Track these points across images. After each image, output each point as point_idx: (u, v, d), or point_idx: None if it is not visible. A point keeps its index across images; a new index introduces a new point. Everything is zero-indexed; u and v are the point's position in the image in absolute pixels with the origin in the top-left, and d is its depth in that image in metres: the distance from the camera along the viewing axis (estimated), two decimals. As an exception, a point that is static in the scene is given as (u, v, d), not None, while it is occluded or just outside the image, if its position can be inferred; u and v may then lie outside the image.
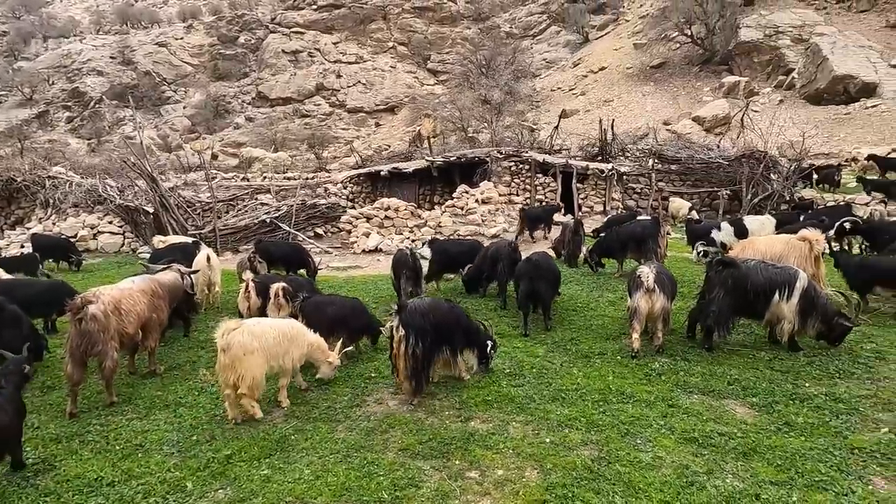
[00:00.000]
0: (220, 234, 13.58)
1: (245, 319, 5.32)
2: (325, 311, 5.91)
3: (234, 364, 4.66)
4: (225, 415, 4.92)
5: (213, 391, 5.54)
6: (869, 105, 31.15)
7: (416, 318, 4.88)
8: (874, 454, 4.04)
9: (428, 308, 5.02)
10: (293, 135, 41.95)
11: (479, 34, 47.90)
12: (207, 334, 7.31)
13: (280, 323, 5.22)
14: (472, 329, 5.39)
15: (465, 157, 15.93)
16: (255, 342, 4.74)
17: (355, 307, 6.21)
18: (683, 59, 41.18)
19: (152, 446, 4.54)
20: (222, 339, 4.69)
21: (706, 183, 16.95)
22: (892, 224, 9.18)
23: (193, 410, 5.17)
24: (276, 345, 4.87)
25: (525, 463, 4.09)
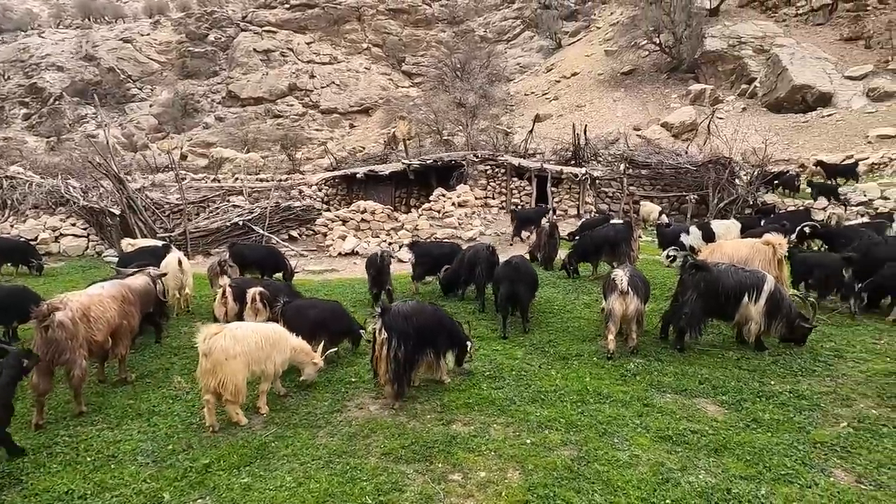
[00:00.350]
0: (190, 236, 13.25)
1: (226, 324, 5.23)
2: (307, 314, 5.87)
3: (215, 369, 4.59)
4: (202, 422, 4.82)
5: (189, 399, 5.43)
6: (825, 114, 32.62)
7: (399, 321, 4.90)
8: (835, 448, 4.26)
9: (411, 311, 5.04)
10: (265, 135, 41.24)
11: (454, 38, 48.14)
12: (180, 340, 7.17)
13: (262, 327, 5.16)
14: (455, 331, 5.43)
15: (441, 160, 16.00)
16: (237, 346, 4.67)
17: (335, 310, 6.18)
18: (652, 67, 42.28)
19: (125, 457, 4.41)
20: (204, 344, 4.62)
21: (675, 187, 17.43)
22: (849, 229, 9.66)
23: (168, 419, 5.05)
24: (258, 349, 4.81)
25: (507, 464, 4.15)
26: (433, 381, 5.56)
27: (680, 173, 17.30)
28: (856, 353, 5.90)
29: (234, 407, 4.76)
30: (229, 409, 4.75)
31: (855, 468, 4.00)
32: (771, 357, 5.89)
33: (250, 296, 5.94)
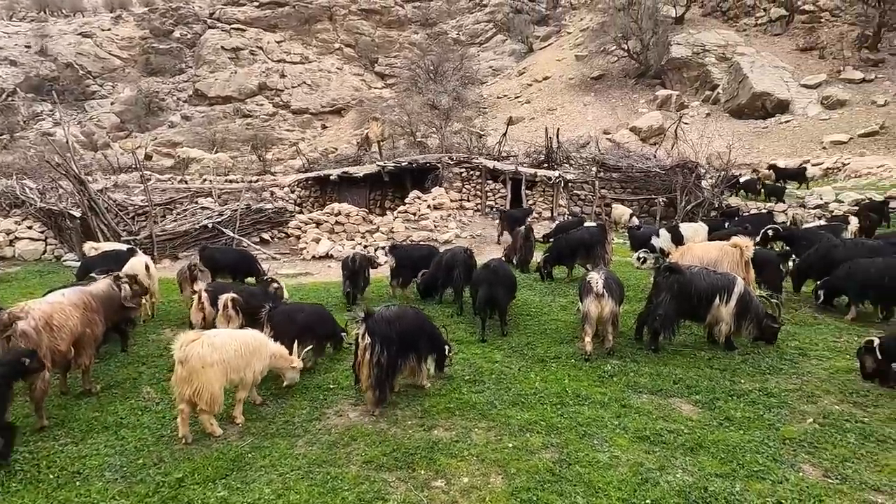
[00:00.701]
0: (157, 239, 12.80)
1: (204, 331, 5.07)
2: (295, 318, 5.79)
3: (191, 377, 4.44)
4: (174, 434, 4.66)
5: (159, 410, 5.24)
6: (783, 120, 34.02)
7: (382, 326, 4.85)
8: (803, 444, 4.42)
9: (394, 316, 5.00)
10: (234, 135, 40.36)
11: (427, 40, 48.17)
12: (148, 349, 6.93)
13: (241, 334, 5.03)
14: (436, 336, 5.42)
15: (416, 162, 15.96)
16: (215, 354, 4.54)
17: (322, 314, 6.12)
18: (621, 72, 43.27)
19: (92, 473, 4.22)
20: (180, 351, 4.47)
21: (644, 191, 17.85)
22: (809, 231, 10.09)
23: (137, 431, 4.86)
24: (237, 357, 4.69)
25: (489, 469, 4.15)
26: (413, 386, 5.52)
27: (649, 177, 17.72)
28: (819, 352, 6.15)
29: (208, 417, 4.62)
30: (203, 419, 4.61)
31: (822, 463, 4.16)
32: (740, 356, 6.08)
33: (222, 302, 5.77)
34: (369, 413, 4.99)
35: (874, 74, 34.55)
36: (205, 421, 4.62)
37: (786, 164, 27.81)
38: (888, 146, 28.90)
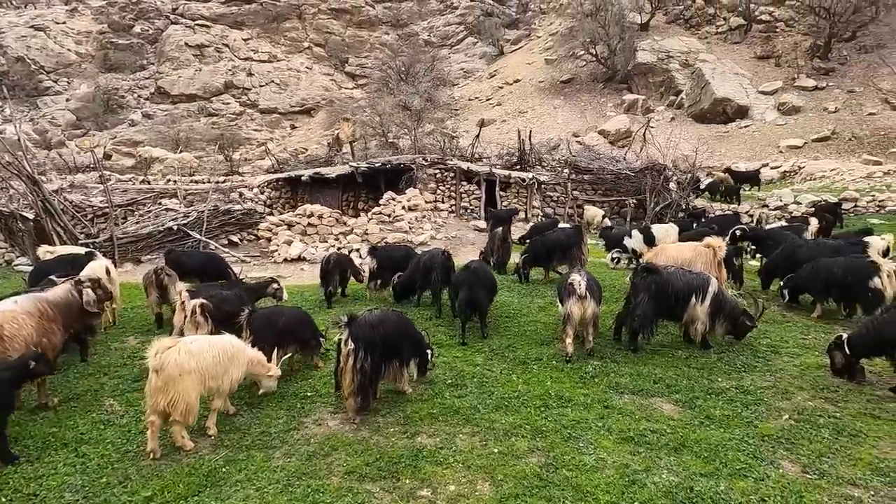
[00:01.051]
0: (118, 242, 12.22)
1: (182, 337, 4.82)
2: (276, 323, 5.59)
3: (167, 386, 4.21)
4: (141, 449, 4.40)
5: (124, 423, 4.95)
6: (743, 125, 35.29)
7: (366, 331, 4.72)
8: (780, 440, 4.50)
9: (377, 320, 4.88)
10: (199, 134, 39.16)
11: (398, 40, 47.90)
12: (110, 358, 6.57)
13: (219, 340, 4.79)
14: (418, 340, 5.32)
15: (390, 163, 15.78)
16: (192, 361, 4.32)
17: (302, 318, 5.93)
18: (590, 76, 44.06)
19: (50, 494, 3.94)
20: (155, 359, 4.23)
21: (615, 192, 18.15)
22: (774, 231, 10.43)
23: (100, 447, 4.56)
24: (215, 364, 4.48)
25: (476, 476, 4.07)
26: (394, 391, 5.39)
27: (619, 178, 18.03)
28: (789, 349, 6.32)
29: (181, 429, 4.38)
30: (176, 431, 4.36)
31: (800, 459, 4.25)
32: (716, 355, 6.19)
33: (189, 308, 5.49)
34: (350, 421, 4.83)
35: (825, 82, 36.21)
36: (177, 433, 4.38)
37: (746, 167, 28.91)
38: (839, 150, 30.33)
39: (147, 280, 7.39)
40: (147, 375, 4.38)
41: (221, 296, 5.96)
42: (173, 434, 4.40)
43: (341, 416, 4.96)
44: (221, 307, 5.74)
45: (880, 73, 32.94)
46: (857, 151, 29.51)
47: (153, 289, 7.34)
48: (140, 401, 5.34)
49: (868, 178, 22.08)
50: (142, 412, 5.10)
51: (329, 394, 5.38)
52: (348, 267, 8.61)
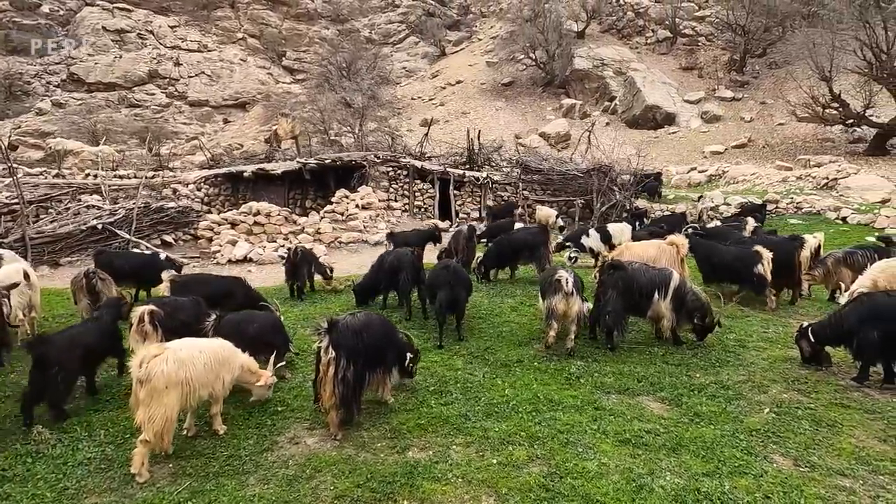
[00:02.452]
0: (31, 243, 10.81)
1: (172, 342, 4.21)
2: (246, 330, 5.09)
3: (149, 399, 3.66)
4: (82, 485, 3.73)
5: (58, 454, 4.22)
6: (671, 131, 37.46)
7: (348, 338, 4.30)
8: (768, 434, 4.57)
9: (361, 325, 4.46)
10: (120, 126, 36.15)
11: (339, 36, 46.68)
12: (33, 375, 5.64)
13: (210, 344, 4.30)
14: (402, 344, 4.98)
15: (340, 159, 15.12)
16: (181, 372, 3.84)
17: (275, 324, 5.45)
18: (529, 80, 45.09)
19: (-30, 546, 3.22)
20: (141, 370, 3.65)
21: (563, 193, 18.52)
22: (723, 229, 10.98)
23: (29, 486, 3.84)
24: (207, 371, 4.04)
25: (478, 491, 3.79)
26: (375, 402, 4.99)
27: (567, 179, 18.41)
28: (755, 343, 6.55)
29: (146, 452, 3.80)
30: (139, 453, 3.79)
31: (789, 452, 4.32)
32: (690, 351, 6.29)
33: (137, 315, 4.80)
34: (332, 437, 4.39)
35: (741, 94, 39.23)
36: (139, 456, 3.79)
37: (677, 170, 30.65)
38: (755, 157, 32.83)
39: (76, 284, 6.49)
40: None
41: (176, 303, 5.28)
42: (134, 457, 3.79)
43: (321, 432, 4.51)
44: (176, 315, 5.07)
45: (787, 86, 36.07)
46: (770, 158, 32.08)
47: (83, 294, 6.46)
48: (75, 426, 4.62)
49: (783, 182, 24.03)
50: (77, 439, 4.41)
51: (303, 407, 4.90)
52: (314, 262, 8.18)
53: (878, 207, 17.18)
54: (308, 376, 5.60)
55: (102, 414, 4.86)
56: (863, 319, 5.38)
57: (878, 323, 5.28)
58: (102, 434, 4.49)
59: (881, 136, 27.48)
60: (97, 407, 5.01)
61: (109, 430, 4.54)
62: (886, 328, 5.22)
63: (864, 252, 8.30)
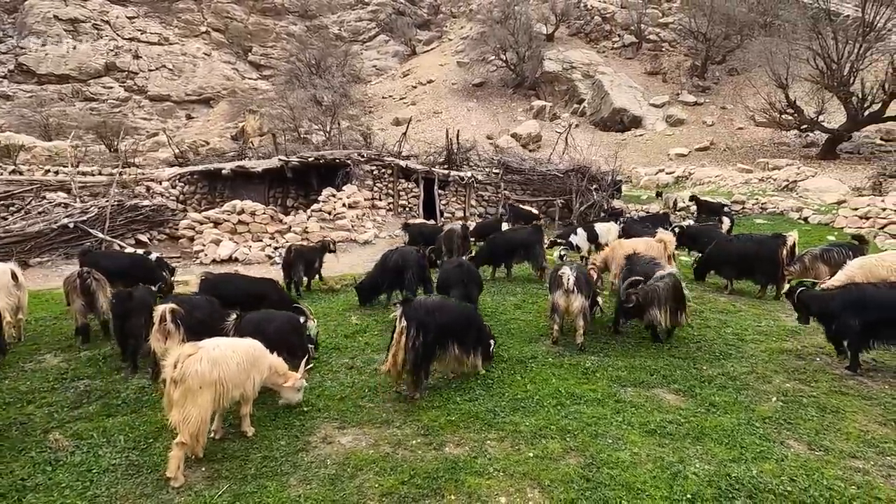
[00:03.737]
0: (-2, 243, 10.19)
1: (204, 341, 4.05)
2: (266, 329, 4.94)
3: (184, 400, 3.52)
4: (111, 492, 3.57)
5: (77, 461, 4.01)
6: (637, 134, 38.61)
7: (420, 313, 4.83)
8: (780, 421, 4.81)
9: (435, 305, 4.96)
10: (74, 121, 34.41)
11: (307, 32, 45.88)
12: (31, 382, 5.39)
13: (242, 344, 4.19)
14: (482, 328, 5.44)
15: (323, 158, 14.86)
16: (215, 371, 3.73)
17: (294, 323, 5.31)
18: (500, 81, 45.55)
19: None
20: (176, 370, 3.52)
21: (542, 193, 18.82)
22: (706, 228, 11.45)
23: (54, 495, 3.64)
24: (239, 371, 3.95)
25: (522, 483, 3.84)
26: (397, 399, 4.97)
27: (546, 179, 18.72)
28: (752, 336, 6.87)
29: (182, 454, 3.67)
30: (175, 456, 3.65)
31: (802, 437, 4.56)
32: (694, 344, 6.54)
33: (159, 313, 4.61)
34: (408, 397, 4.90)
35: (703, 99, 40.85)
36: (175, 459, 3.65)
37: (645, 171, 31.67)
38: (717, 159, 34.23)
39: (70, 285, 6.16)
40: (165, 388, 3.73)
41: (193, 302, 5.09)
42: (169, 460, 3.65)
43: (353, 432, 4.46)
44: (194, 314, 4.89)
45: (746, 92, 37.79)
46: (731, 160, 33.54)
47: (77, 296, 6.14)
48: (91, 433, 4.41)
49: (746, 183, 25.19)
50: (97, 445, 4.22)
51: (328, 407, 4.83)
52: (316, 258, 8.18)
53: (835, 208, 18.24)
54: (326, 376, 5.54)
55: (117, 419, 4.65)
56: (846, 306, 5.73)
57: (860, 311, 5.62)
58: (122, 439, 4.30)
59: (832, 141, 29.17)
60: (109, 411, 4.79)
61: (129, 436, 4.35)
62: (866, 318, 5.56)
63: (840, 249, 8.81)
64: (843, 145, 29.56)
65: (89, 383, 5.31)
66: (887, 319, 5.50)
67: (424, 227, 10.10)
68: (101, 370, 5.66)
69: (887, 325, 5.53)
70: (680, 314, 6.31)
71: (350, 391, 5.19)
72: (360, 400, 5.00)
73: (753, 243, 9.39)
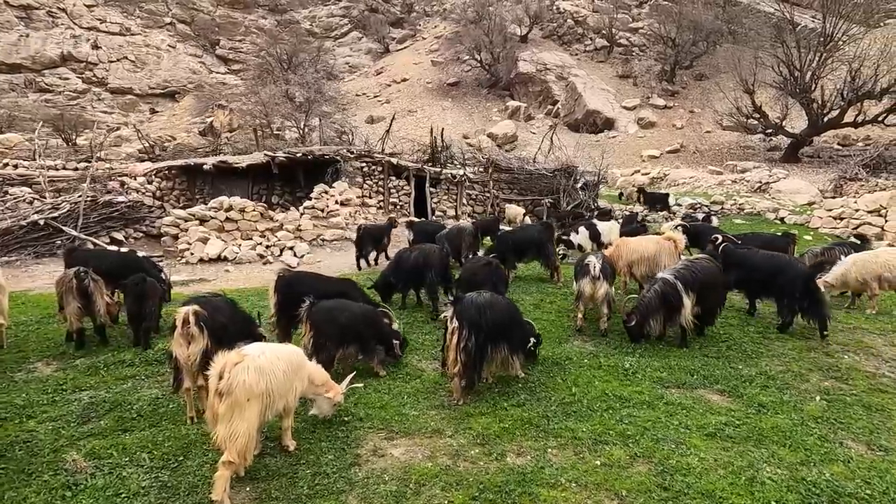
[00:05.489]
0: (-42, 241, 9.25)
1: (246, 347, 3.59)
2: (338, 319, 4.86)
3: (232, 414, 3.10)
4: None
5: (100, 485, 3.52)
6: (611, 136, 39.29)
7: (471, 312, 4.57)
8: (831, 421, 4.75)
9: (485, 303, 4.69)
10: (27, 113, 32.35)
11: (277, 27, 44.65)
12: (26, 394, 4.80)
13: (285, 350, 3.78)
14: (526, 327, 5.20)
15: (311, 153, 14.27)
16: (262, 382, 3.34)
17: (368, 316, 5.14)
18: (475, 81, 45.55)
19: None
20: (223, 381, 3.09)
21: (529, 192, 18.77)
22: (706, 226, 11.56)
23: (78, 526, 3.17)
24: (285, 380, 3.56)
25: (598, 494, 3.60)
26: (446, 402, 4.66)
27: (533, 178, 18.68)
28: (775, 334, 6.85)
29: (229, 474, 3.26)
30: (222, 476, 3.23)
31: (859, 437, 4.50)
32: (724, 343, 6.46)
33: (181, 316, 4.13)
34: (455, 402, 4.61)
35: (673, 102, 41.96)
36: (222, 480, 3.22)
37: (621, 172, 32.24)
38: (687, 161, 35.18)
39: (65, 286, 5.56)
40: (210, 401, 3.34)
41: (214, 304, 4.61)
42: (216, 481, 3.21)
43: (404, 443, 4.11)
44: (216, 316, 4.41)
45: (713, 97, 39.01)
46: (701, 162, 34.53)
47: (74, 297, 5.53)
48: (108, 450, 3.92)
49: (720, 185, 25.93)
50: (119, 466, 3.74)
51: (370, 416, 4.47)
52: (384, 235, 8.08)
53: (808, 209, 18.94)
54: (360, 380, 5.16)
55: (134, 434, 4.15)
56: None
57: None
58: (146, 458, 3.82)
59: (794, 145, 30.42)
60: (124, 426, 4.28)
61: (154, 453, 3.87)
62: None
63: (841, 248, 9.00)
64: (804, 149, 30.87)
65: (94, 395, 4.76)
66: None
67: (429, 226, 9.86)
68: (105, 380, 5.10)
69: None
70: (676, 317, 6.20)
71: (388, 398, 4.83)
72: (403, 407, 4.66)
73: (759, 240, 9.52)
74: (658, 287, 6.22)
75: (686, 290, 6.17)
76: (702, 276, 6.34)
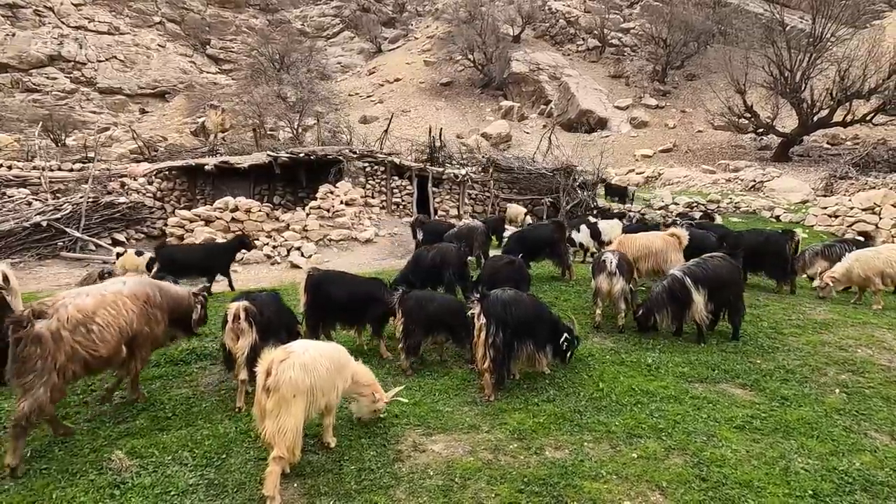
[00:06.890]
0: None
1: (291, 344, 3.62)
2: (427, 308, 5.19)
3: (279, 410, 3.16)
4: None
5: (147, 484, 3.51)
6: (604, 135, 39.58)
7: (497, 308, 4.62)
8: (853, 413, 4.86)
9: (510, 299, 4.74)
10: (14, 113, 31.91)
11: (269, 26, 44.38)
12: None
13: (328, 348, 3.80)
14: (554, 322, 5.21)
15: (314, 153, 14.21)
16: (307, 379, 3.39)
17: (454, 305, 5.42)
18: (468, 81, 45.62)
19: None
20: (271, 377, 3.16)
21: (528, 191, 18.87)
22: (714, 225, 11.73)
23: (127, 526, 3.16)
24: (329, 376, 3.60)
25: (640, 486, 3.66)
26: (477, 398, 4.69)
27: (533, 177, 18.78)
28: (788, 329, 6.98)
29: (279, 469, 3.29)
30: (273, 472, 3.26)
31: (882, 428, 4.61)
32: (740, 338, 6.57)
33: (233, 312, 4.14)
34: (485, 399, 4.68)
35: (665, 102, 42.40)
36: (273, 476, 3.26)
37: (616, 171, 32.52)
38: (680, 161, 35.58)
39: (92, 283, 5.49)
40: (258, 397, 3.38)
41: (262, 300, 4.63)
42: (266, 477, 3.23)
43: (443, 438, 4.14)
44: (265, 312, 4.43)
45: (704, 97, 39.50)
46: (693, 161, 34.95)
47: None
48: (149, 449, 3.91)
49: (714, 184, 26.27)
50: (162, 464, 3.73)
51: (404, 413, 4.49)
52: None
53: (803, 207, 19.27)
54: (387, 379, 5.19)
55: (171, 433, 4.13)
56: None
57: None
58: (189, 456, 3.81)
59: (784, 145, 30.88)
60: (160, 425, 4.26)
61: (195, 451, 3.86)
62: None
63: (842, 245, 9.19)
64: (794, 148, 31.35)
65: (124, 395, 4.73)
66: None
67: (439, 225, 9.90)
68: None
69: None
70: (687, 312, 6.28)
71: (420, 395, 4.86)
72: (436, 404, 4.69)
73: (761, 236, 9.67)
74: (666, 283, 6.34)
75: (696, 287, 6.25)
76: (713, 272, 6.40)
